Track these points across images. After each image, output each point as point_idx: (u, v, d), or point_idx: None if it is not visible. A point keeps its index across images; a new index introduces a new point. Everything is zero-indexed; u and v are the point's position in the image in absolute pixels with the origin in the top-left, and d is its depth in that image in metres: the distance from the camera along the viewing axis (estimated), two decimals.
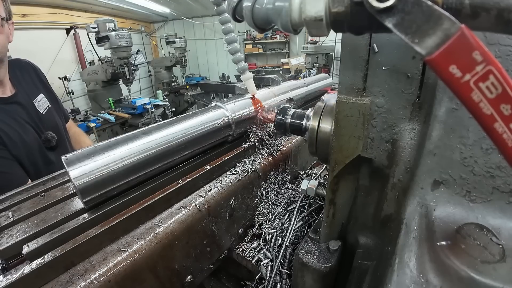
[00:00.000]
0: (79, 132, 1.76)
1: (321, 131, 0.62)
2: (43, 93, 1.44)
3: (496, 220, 0.38)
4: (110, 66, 4.28)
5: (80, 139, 1.70)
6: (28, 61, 1.49)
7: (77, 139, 1.68)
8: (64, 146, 1.47)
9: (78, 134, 1.72)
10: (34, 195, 0.73)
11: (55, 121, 1.46)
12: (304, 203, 0.91)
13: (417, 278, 0.35)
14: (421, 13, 0.24)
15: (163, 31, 8.80)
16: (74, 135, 1.67)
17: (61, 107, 1.60)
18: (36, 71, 1.49)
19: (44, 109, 1.40)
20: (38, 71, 1.50)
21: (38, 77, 1.48)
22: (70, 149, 1.51)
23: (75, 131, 1.71)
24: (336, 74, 5.90)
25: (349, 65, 0.50)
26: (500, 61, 0.35)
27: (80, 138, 1.71)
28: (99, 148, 0.64)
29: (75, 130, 1.72)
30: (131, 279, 0.56)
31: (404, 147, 0.48)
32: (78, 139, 1.68)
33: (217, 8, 0.85)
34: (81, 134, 1.76)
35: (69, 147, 1.53)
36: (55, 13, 5.30)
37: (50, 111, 1.45)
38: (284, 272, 0.77)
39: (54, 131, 1.40)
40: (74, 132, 1.69)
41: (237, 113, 0.92)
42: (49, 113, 1.44)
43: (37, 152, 1.30)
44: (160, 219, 0.66)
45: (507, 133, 0.23)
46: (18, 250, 0.53)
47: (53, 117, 1.46)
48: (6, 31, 1.19)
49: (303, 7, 0.34)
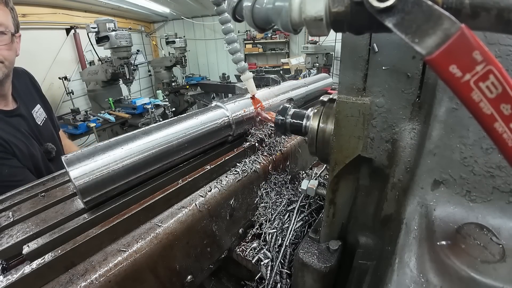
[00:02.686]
0: (69, 144, 1.72)
1: (321, 131, 0.62)
2: (39, 103, 1.42)
3: (496, 220, 0.38)
4: (110, 66, 4.27)
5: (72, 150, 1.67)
6: (24, 69, 1.45)
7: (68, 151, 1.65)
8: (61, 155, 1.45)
9: (69, 146, 1.69)
10: (34, 195, 0.73)
11: (52, 132, 1.45)
12: (304, 203, 0.91)
13: (417, 278, 0.35)
14: (421, 13, 0.24)
15: (163, 31, 8.79)
16: (65, 147, 1.62)
17: (53, 117, 1.57)
18: (32, 80, 1.46)
19: (42, 121, 1.39)
20: (33, 80, 1.47)
21: (34, 87, 1.45)
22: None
23: (65, 144, 1.66)
24: (336, 74, 5.89)
25: (349, 65, 0.50)
26: (500, 61, 0.35)
27: (71, 149, 1.68)
28: (99, 148, 0.64)
29: (65, 143, 1.67)
30: (131, 279, 0.56)
31: (404, 147, 0.48)
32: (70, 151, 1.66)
33: (217, 8, 0.85)
34: (71, 146, 1.73)
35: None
36: (55, 13, 5.30)
37: (47, 122, 1.43)
38: (284, 272, 0.77)
39: (52, 142, 1.39)
40: (65, 145, 1.64)
41: (237, 113, 0.92)
42: (46, 124, 1.42)
43: (41, 163, 1.29)
44: (160, 219, 0.66)
45: (507, 133, 0.23)
46: (18, 250, 0.53)
47: (50, 128, 1.44)
48: (15, 46, 1.17)
49: (303, 7, 0.34)
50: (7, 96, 1.25)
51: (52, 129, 1.47)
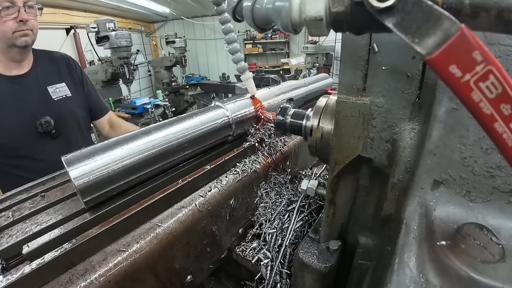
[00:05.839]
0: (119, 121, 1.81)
1: (321, 131, 0.62)
2: (66, 82, 1.51)
3: (496, 220, 0.38)
4: (110, 66, 4.27)
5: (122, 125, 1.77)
6: (64, 54, 1.62)
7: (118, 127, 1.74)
8: (69, 137, 1.47)
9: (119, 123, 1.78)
10: (34, 195, 0.73)
11: (69, 109, 1.49)
12: (304, 203, 0.91)
13: (417, 278, 0.35)
14: (421, 13, 0.24)
15: (163, 31, 8.80)
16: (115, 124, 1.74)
17: (93, 101, 1.66)
18: (68, 63, 1.59)
19: (59, 96, 1.46)
20: (71, 63, 1.60)
21: (68, 68, 1.57)
22: (81, 142, 1.53)
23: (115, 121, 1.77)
24: (336, 74, 5.89)
25: (349, 65, 0.50)
26: (500, 61, 0.35)
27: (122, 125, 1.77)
28: (99, 148, 0.64)
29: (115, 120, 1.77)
30: (131, 279, 0.56)
31: (404, 147, 0.48)
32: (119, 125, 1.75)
33: (217, 8, 0.85)
34: (122, 121, 1.82)
35: (80, 140, 1.54)
36: (55, 13, 5.30)
37: (67, 99, 1.49)
38: (284, 272, 0.77)
39: (63, 119, 1.43)
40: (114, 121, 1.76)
41: (237, 113, 0.92)
42: (65, 100, 1.48)
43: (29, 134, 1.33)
44: (160, 219, 0.66)
45: (507, 133, 0.23)
46: (18, 250, 0.53)
47: (68, 105, 1.49)
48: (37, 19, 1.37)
49: (303, 7, 0.34)
50: (23, 63, 1.40)
51: (76, 108, 1.54)
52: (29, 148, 1.34)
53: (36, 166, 1.33)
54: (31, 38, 1.35)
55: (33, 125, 1.33)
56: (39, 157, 1.35)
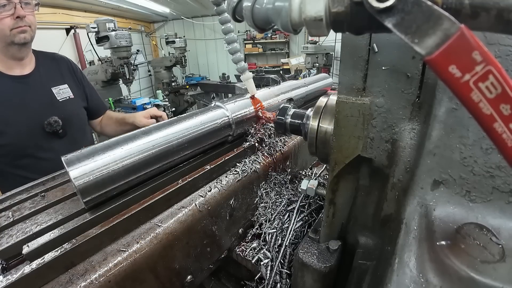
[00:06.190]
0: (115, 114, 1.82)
1: (321, 131, 0.62)
2: (68, 83, 1.53)
3: (496, 220, 0.38)
4: (110, 66, 4.26)
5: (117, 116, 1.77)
6: (64, 56, 1.64)
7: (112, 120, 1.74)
8: (74, 137, 1.49)
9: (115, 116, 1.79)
10: (34, 195, 0.73)
11: (73, 110, 1.51)
12: (304, 203, 0.91)
13: (417, 278, 0.35)
14: (421, 13, 0.24)
15: (163, 31, 8.79)
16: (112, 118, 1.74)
17: (94, 101, 1.68)
18: (69, 65, 1.61)
19: (63, 98, 1.48)
20: (73, 65, 1.63)
21: (69, 70, 1.58)
22: (85, 142, 1.54)
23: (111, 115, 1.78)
24: (336, 74, 5.89)
25: (349, 65, 0.50)
26: (500, 61, 0.35)
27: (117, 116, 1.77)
28: (99, 148, 0.64)
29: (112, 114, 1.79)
30: (131, 279, 0.56)
31: (404, 147, 0.48)
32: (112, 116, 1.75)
33: (217, 8, 0.85)
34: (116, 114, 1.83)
35: (84, 140, 1.55)
36: (55, 13, 5.30)
37: (71, 101, 1.51)
38: (284, 272, 0.77)
39: (68, 119, 1.44)
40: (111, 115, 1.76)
41: (237, 113, 0.92)
42: (69, 102, 1.49)
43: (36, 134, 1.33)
44: (160, 219, 0.66)
45: (506, 133, 0.23)
46: (18, 250, 0.53)
47: (72, 106, 1.50)
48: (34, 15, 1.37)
49: (303, 7, 0.34)
50: (24, 62, 1.40)
51: (79, 109, 1.56)
52: (36, 147, 1.34)
53: (42, 166, 1.33)
54: (30, 34, 1.34)
55: (39, 125, 1.33)
56: (46, 157, 1.35)
